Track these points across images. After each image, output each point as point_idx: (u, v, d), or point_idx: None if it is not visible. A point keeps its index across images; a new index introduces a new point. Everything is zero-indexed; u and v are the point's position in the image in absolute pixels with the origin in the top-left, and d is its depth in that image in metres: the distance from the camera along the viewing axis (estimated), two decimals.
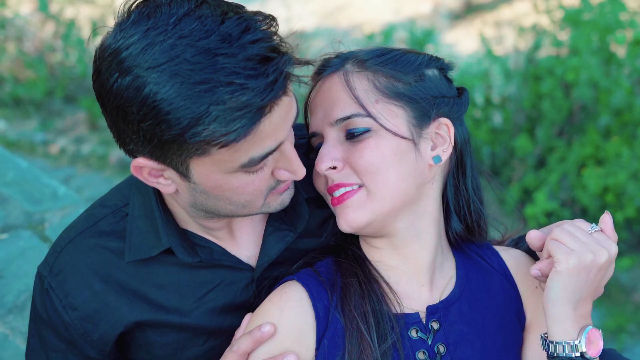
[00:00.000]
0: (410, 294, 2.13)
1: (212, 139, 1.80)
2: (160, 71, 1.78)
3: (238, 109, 1.78)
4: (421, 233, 2.13)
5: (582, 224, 2.00)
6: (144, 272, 2.19)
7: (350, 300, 2.06)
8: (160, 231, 2.15)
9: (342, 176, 2.07)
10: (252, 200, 2.01)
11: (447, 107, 2.14)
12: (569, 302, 1.92)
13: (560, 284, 1.92)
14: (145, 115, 1.80)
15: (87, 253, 2.19)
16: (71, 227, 2.26)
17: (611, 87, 6.75)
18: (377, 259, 2.17)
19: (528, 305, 2.22)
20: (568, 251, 1.92)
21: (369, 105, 2.05)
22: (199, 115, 1.77)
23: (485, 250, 2.29)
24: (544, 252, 2.00)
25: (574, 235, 1.94)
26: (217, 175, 1.91)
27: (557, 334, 1.94)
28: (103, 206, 2.25)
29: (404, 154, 2.06)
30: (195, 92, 1.77)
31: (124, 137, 1.90)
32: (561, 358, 1.94)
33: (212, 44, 1.78)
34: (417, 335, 2.08)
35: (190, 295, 2.21)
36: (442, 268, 2.19)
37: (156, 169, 1.95)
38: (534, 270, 2.01)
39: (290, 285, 2.10)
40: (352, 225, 2.07)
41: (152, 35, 1.80)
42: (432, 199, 2.15)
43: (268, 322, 2.03)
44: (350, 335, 2.02)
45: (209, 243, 2.21)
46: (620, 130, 6.92)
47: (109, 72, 1.84)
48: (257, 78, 1.77)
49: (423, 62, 2.16)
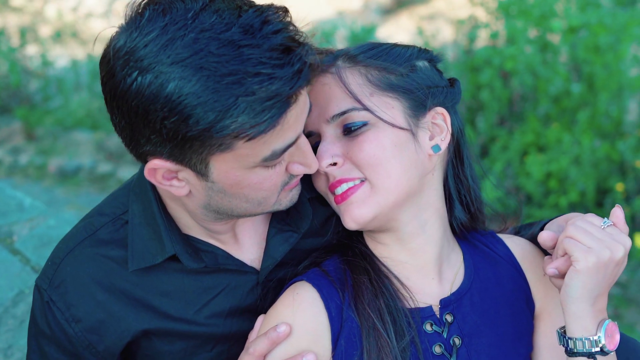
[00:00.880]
0: (421, 288, 2.13)
1: (240, 132, 1.78)
2: (184, 66, 1.75)
3: (268, 99, 1.77)
4: (425, 225, 2.14)
5: (594, 219, 1.99)
6: (147, 280, 2.15)
7: (363, 298, 2.06)
8: (163, 238, 2.11)
9: (344, 171, 2.07)
10: (267, 197, 2.00)
11: (441, 97, 2.15)
12: (588, 299, 1.93)
13: (580, 282, 1.92)
14: (170, 112, 1.77)
15: (88, 263, 2.14)
16: (69, 238, 2.20)
17: (549, 75, 6.89)
18: (384, 255, 2.16)
19: (537, 293, 2.24)
20: (586, 249, 1.91)
21: (365, 99, 2.05)
22: (227, 108, 1.75)
23: (490, 239, 2.30)
24: (559, 250, 2.00)
25: (589, 232, 1.94)
26: (237, 171, 1.89)
27: (577, 331, 1.95)
28: (101, 214, 2.20)
29: (404, 145, 2.06)
30: (223, 84, 1.74)
31: (139, 139, 1.86)
32: (581, 353, 1.95)
33: (235, 36, 1.76)
34: (432, 329, 2.09)
35: (196, 301, 2.18)
36: (449, 259, 2.19)
37: (171, 170, 1.91)
38: (550, 269, 2.01)
39: (301, 286, 2.09)
40: (358, 221, 2.07)
41: (172, 30, 1.77)
42: (434, 189, 2.15)
43: (283, 322, 2.02)
44: (367, 333, 2.01)
45: (212, 247, 2.18)
46: (559, 116, 7.07)
47: (125, 72, 1.79)
48: (283, 67, 1.77)
49: (413, 54, 2.16)
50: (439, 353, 2.07)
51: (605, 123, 6.88)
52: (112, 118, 1.90)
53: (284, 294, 2.11)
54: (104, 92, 1.89)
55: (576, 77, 7.08)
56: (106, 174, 8.65)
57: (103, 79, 1.88)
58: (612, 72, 6.72)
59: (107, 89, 1.86)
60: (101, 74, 1.89)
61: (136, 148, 1.90)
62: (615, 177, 6.73)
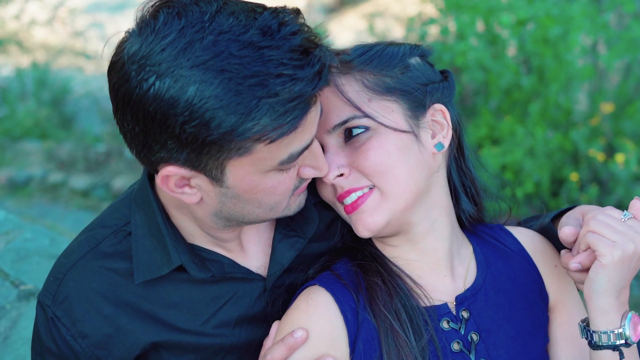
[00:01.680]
0: (435, 286, 2.13)
1: (262, 135, 1.76)
2: (205, 68, 1.72)
3: (290, 100, 1.75)
4: (434, 224, 2.13)
5: (614, 212, 1.99)
6: (153, 292, 2.11)
7: (378, 300, 2.05)
8: (169, 248, 2.07)
9: (351, 181, 2.05)
10: (280, 202, 1.98)
11: (438, 93, 2.13)
12: (613, 293, 1.93)
13: (606, 276, 1.92)
14: (191, 116, 1.74)
15: (93, 277, 2.09)
16: (70, 252, 2.15)
17: (499, 69, 6.98)
18: (395, 255, 2.15)
19: (550, 285, 2.25)
20: (610, 244, 1.91)
21: (364, 106, 2.03)
22: (249, 110, 1.73)
23: (499, 232, 2.30)
24: (581, 244, 1.99)
25: (611, 226, 1.94)
26: (253, 175, 1.87)
27: (602, 324, 1.95)
28: (103, 227, 2.15)
29: (408, 148, 2.05)
30: (245, 86, 1.72)
31: (153, 146, 1.82)
32: (606, 346, 1.95)
33: (254, 38, 1.74)
34: (449, 326, 2.08)
35: (204, 311, 2.14)
36: (460, 255, 2.19)
37: (185, 177, 1.88)
38: (573, 263, 2.00)
39: (315, 291, 2.07)
40: (371, 229, 2.05)
41: (190, 33, 1.74)
42: (440, 187, 2.15)
43: (300, 327, 2.00)
44: (386, 335, 2.00)
45: (218, 256, 2.15)
46: (511, 109, 7.17)
47: (142, 76, 1.75)
48: (304, 68, 1.75)
49: (405, 52, 2.13)
50: (458, 350, 2.07)
51: (557, 114, 7.00)
52: (124, 125, 1.85)
53: (297, 299, 2.09)
54: (114, 99, 1.84)
55: (525, 69, 7.19)
56: (57, 183, 8.51)
57: (114, 86, 1.83)
58: (561, 63, 6.84)
59: (119, 95, 1.82)
60: (111, 81, 1.84)
61: (148, 155, 1.86)
62: (569, 167, 6.85)
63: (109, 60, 1.87)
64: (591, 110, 7.10)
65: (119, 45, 1.83)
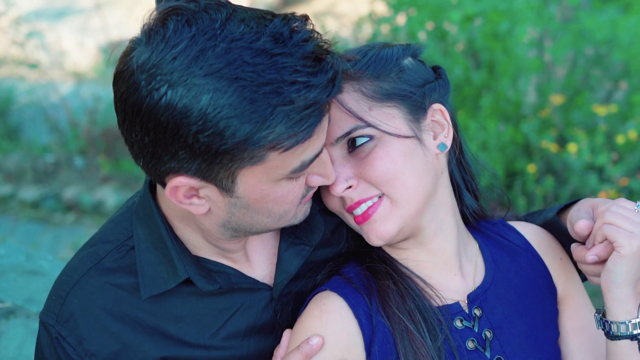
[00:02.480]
0: (445, 285, 2.13)
1: (277, 143, 1.74)
2: (219, 77, 1.69)
3: (305, 108, 1.73)
4: (442, 224, 2.13)
5: (627, 203, 2.01)
6: (160, 306, 2.06)
7: (390, 302, 2.04)
8: (175, 261, 2.03)
9: (360, 192, 2.03)
10: (288, 211, 1.95)
11: (436, 93, 2.12)
12: (630, 283, 1.95)
13: (625, 267, 1.93)
14: (204, 126, 1.70)
15: (97, 293, 2.03)
16: (72, 269, 2.08)
17: (449, 65, 7.05)
18: (404, 257, 2.15)
19: (557, 278, 2.27)
20: (628, 234, 1.93)
21: (365, 115, 2.01)
22: (264, 119, 1.71)
23: (502, 228, 2.31)
24: (597, 236, 2.00)
25: (627, 217, 1.95)
26: (264, 184, 1.84)
27: (620, 315, 1.97)
28: (104, 242, 2.09)
29: (413, 153, 2.03)
30: (260, 94, 1.69)
31: (163, 157, 1.78)
32: (624, 336, 1.98)
33: (267, 45, 1.71)
34: (462, 324, 2.09)
35: (212, 324, 2.10)
36: (467, 253, 2.20)
37: (194, 188, 1.84)
38: (590, 256, 2.01)
39: (327, 297, 2.05)
40: (384, 238, 2.04)
41: (202, 40, 1.70)
42: (445, 187, 2.15)
43: (315, 334, 1.98)
44: (401, 337, 1.99)
45: (223, 267, 2.11)
46: (462, 104, 7.24)
47: (152, 86, 1.71)
48: (317, 75, 1.73)
49: (399, 54, 2.11)
50: (472, 348, 2.07)
51: (507, 107, 7.10)
52: (132, 136, 1.81)
53: (309, 306, 2.07)
54: (122, 110, 1.80)
55: (475, 64, 7.27)
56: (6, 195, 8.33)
57: (122, 96, 1.78)
58: (510, 56, 6.94)
59: (127, 105, 1.77)
60: (119, 91, 1.79)
61: (157, 166, 1.82)
62: (522, 159, 6.95)
63: (115, 70, 1.82)
64: (540, 103, 7.22)
65: (125, 55, 1.79)
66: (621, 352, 2.00)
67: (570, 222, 2.14)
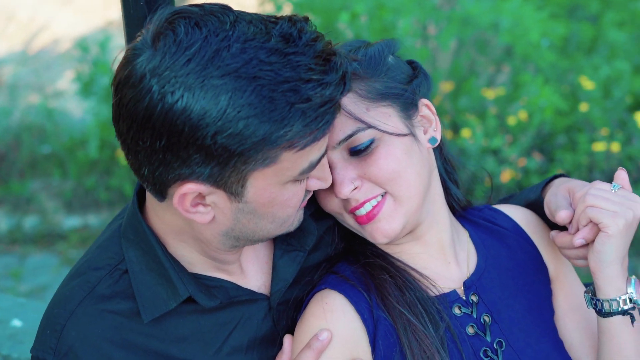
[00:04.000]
0: (441, 274, 2.16)
1: (294, 142, 1.75)
2: (237, 76, 1.68)
3: (321, 105, 1.74)
4: (436, 216, 2.17)
5: (603, 185, 2.09)
6: (161, 328, 2.02)
7: (390, 296, 2.06)
8: (174, 280, 1.98)
9: (365, 193, 2.04)
10: (291, 215, 1.96)
11: (423, 88, 2.16)
12: (618, 261, 2.03)
13: (614, 246, 2.01)
14: (223, 126, 1.69)
15: (95, 322, 1.97)
16: (64, 301, 2.00)
17: None
18: (397, 251, 2.17)
19: (547, 256, 2.33)
20: (612, 214, 2.00)
21: (365, 117, 2.02)
22: (282, 117, 1.71)
23: (488, 212, 2.36)
24: (581, 220, 2.06)
25: (607, 198, 2.03)
26: (273, 187, 1.84)
27: (612, 292, 2.04)
28: (95, 269, 2.02)
29: (411, 150, 2.06)
30: (279, 92, 1.69)
31: (173, 163, 1.75)
32: (616, 312, 2.05)
33: (279, 45, 1.72)
34: (460, 311, 2.12)
35: (214, 340, 2.07)
36: (460, 241, 2.24)
37: (201, 195, 1.82)
38: (578, 239, 2.07)
39: (327, 295, 2.07)
40: (389, 236, 2.06)
41: (215, 42, 1.69)
42: (436, 179, 2.19)
43: (322, 329, 2.00)
44: (404, 330, 2.02)
45: (220, 282, 2.08)
46: None
47: (166, 90, 1.69)
48: (329, 73, 1.75)
49: (384, 52, 2.12)
50: (473, 333, 2.11)
51: None
52: (138, 144, 1.77)
53: (310, 306, 2.08)
54: (128, 117, 1.76)
55: None
56: None
57: (128, 103, 1.74)
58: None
59: (136, 111, 1.73)
60: (124, 98, 1.75)
61: (165, 174, 1.79)
62: None
63: (116, 78, 1.78)
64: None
65: (127, 62, 1.75)
66: (614, 328, 2.08)
67: (549, 208, 2.22)
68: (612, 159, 6.31)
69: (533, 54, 6.82)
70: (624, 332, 2.08)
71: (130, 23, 2.23)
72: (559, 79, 7.01)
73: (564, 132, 6.73)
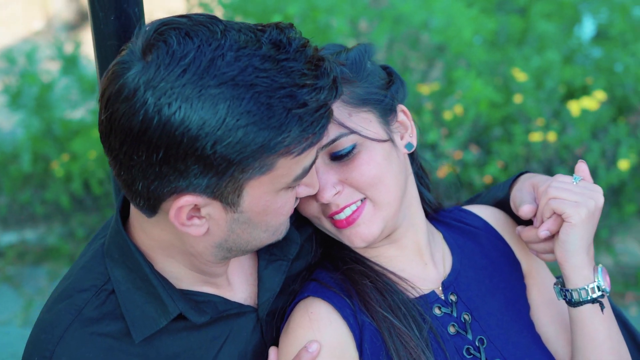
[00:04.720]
0: (419, 276, 2.20)
1: (292, 147, 1.76)
2: (234, 84, 1.68)
3: (317, 109, 1.76)
4: (412, 219, 2.21)
5: (564, 177, 2.16)
6: (152, 348, 2.00)
7: (372, 300, 2.09)
8: (163, 298, 1.97)
9: (346, 197, 2.06)
10: (282, 223, 1.97)
11: (400, 94, 2.19)
12: (584, 250, 2.09)
13: (578, 235, 2.07)
14: (222, 136, 1.69)
15: (86, 346, 1.94)
16: (51, 326, 1.97)
17: None
18: (374, 255, 2.21)
19: (519, 252, 2.38)
20: (574, 204, 2.07)
21: (347, 122, 2.04)
22: (280, 124, 1.72)
23: (459, 213, 2.41)
24: (545, 212, 2.12)
25: (569, 190, 2.10)
26: (268, 195, 1.85)
27: (579, 281, 2.10)
28: (80, 291, 1.99)
29: (390, 156, 2.09)
30: (276, 98, 1.70)
31: (169, 176, 1.75)
32: (585, 301, 2.11)
33: (271, 52, 1.72)
34: (441, 311, 2.16)
35: (205, 356, 2.06)
36: (435, 242, 2.28)
37: (197, 207, 1.82)
38: (542, 231, 2.13)
39: (312, 303, 2.08)
40: (368, 240, 2.09)
41: (209, 51, 1.69)
42: (411, 183, 2.23)
43: (311, 341, 2.00)
44: (389, 334, 2.04)
45: (208, 296, 2.08)
46: None
47: (162, 102, 1.68)
48: (321, 78, 1.76)
49: (363, 57, 2.13)
50: (454, 332, 2.15)
51: None
52: (132, 158, 1.75)
53: (294, 316, 2.09)
54: (121, 132, 1.73)
55: None
56: None
57: (121, 118, 1.72)
58: None
59: (130, 125, 1.71)
60: (116, 113, 1.73)
61: (160, 187, 1.78)
62: None
63: (104, 94, 1.76)
64: None
65: (115, 76, 1.73)
66: (584, 317, 2.13)
67: (514, 203, 2.29)
68: (549, 149, 6.43)
69: (466, 52, 6.91)
70: (594, 321, 2.13)
71: (99, 38, 2.20)
72: (492, 71, 7.12)
73: (499, 124, 6.84)
